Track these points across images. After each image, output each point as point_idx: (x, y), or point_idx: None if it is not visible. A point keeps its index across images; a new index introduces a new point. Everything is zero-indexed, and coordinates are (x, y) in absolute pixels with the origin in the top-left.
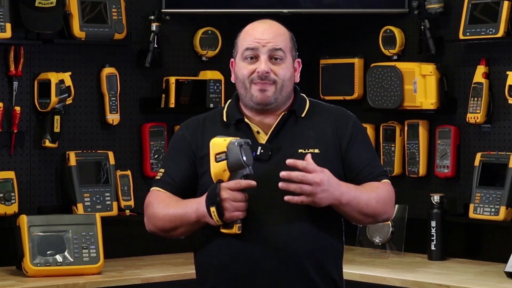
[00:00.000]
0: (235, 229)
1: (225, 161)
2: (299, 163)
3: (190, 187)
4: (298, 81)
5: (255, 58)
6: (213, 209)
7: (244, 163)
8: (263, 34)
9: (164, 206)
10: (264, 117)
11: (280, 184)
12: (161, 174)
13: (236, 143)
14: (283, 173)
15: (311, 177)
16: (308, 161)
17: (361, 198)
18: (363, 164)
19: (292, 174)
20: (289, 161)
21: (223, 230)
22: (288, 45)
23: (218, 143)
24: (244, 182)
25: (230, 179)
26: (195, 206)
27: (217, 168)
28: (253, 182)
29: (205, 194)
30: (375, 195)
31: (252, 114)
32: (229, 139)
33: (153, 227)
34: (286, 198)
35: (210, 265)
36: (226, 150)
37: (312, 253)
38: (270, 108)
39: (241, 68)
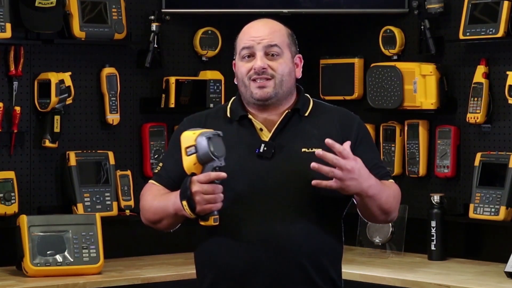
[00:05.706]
0: (211, 221)
1: (195, 155)
2: (336, 146)
3: None
4: (299, 76)
5: (252, 56)
6: (184, 202)
7: (212, 154)
8: (258, 32)
9: (152, 199)
10: (268, 114)
11: (312, 165)
12: (159, 168)
13: (204, 136)
14: (313, 165)
15: (343, 162)
16: (345, 148)
17: (383, 193)
18: (370, 164)
19: (327, 155)
20: (318, 152)
21: (201, 223)
22: (285, 40)
23: (188, 136)
24: (214, 174)
25: (202, 172)
26: (173, 200)
27: (188, 161)
28: (223, 174)
29: None
30: (392, 192)
31: (255, 111)
32: (198, 131)
33: (143, 219)
34: (314, 182)
35: (209, 262)
36: (195, 143)
37: (312, 252)
38: (271, 103)
39: (240, 67)
